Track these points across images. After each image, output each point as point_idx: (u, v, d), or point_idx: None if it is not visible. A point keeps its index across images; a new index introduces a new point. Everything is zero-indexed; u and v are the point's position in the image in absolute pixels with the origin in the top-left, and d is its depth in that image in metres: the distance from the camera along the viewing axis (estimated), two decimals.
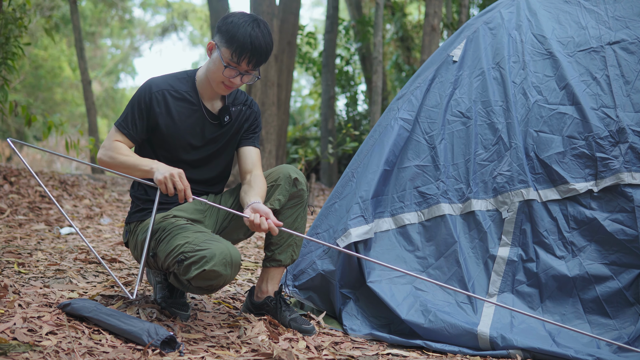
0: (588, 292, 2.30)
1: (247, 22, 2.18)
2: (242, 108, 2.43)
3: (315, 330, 2.36)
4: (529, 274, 2.38)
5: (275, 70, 8.77)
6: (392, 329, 2.44)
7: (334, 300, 2.54)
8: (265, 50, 2.18)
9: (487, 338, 2.24)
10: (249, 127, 2.44)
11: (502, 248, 2.42)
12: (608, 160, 2.36)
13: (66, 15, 17.35)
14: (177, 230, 2.15)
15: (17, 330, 1.93)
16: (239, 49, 2.16)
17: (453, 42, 2.75)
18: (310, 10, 44.48)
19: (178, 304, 2.35)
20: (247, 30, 2.15)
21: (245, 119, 2.43)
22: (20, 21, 5.43)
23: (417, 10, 15.35)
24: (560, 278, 2.33)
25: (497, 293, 2.39)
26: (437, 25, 7.03)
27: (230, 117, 2.37)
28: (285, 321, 2.39)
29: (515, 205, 2.43)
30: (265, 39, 2.17)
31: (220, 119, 2.35)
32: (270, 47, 2.18)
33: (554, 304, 2.34)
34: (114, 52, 27.75)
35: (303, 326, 2.35)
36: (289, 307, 2.44)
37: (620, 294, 2.25)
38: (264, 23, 2.21)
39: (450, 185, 2.55)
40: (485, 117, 2.57)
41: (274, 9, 8.80)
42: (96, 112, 13.02)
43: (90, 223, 4.74)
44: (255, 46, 2.16)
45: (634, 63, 2.45)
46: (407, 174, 2.61)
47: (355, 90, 12.12)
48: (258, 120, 2.47)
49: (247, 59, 2.18)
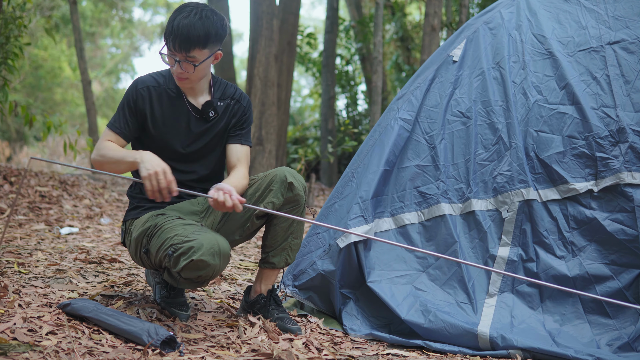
0: (588, 291, 2.29)
1: (180, 12, 2.19)
2: (229, 102, 2.41)
3: (301, 330, 2.35)
4: (529, 274, 2.38)
5: (275, 70, 8.77)
6: (392, 329, 2.44)
7: (334, 300, 2.54)
8: (186, 32, 2.15)
9: (487, 338, 2.24)
10: (236, 122, 2.42)
11: (502, 248, 2.42)
12: (608, 160, 2.36)
13: (66, 15, 17.34)
14: (167, 224, 2.16)
15: (17, 330, 1.93)
16: (166, 36, 2.19)
17: (453, 42, 2.75)
18: (310, 10, 44.47)
19: (177, 303, 2.35)
20: (176, 18, 2.17)
21: (233, 114, 2.41)
22: (20, 20, 5.43)
23: (417, 10, 15.35)
24: (560, 278, 2.33)
25: (498, 293, 2.39)
26: (437, 25, 7.03)
27: (215, 111, 2.36)
28: (272, 319, 2.39)
29: (516, 205, 2.43)
30: (191, 20, 2.15)
31: (205, 114, 2.36)
32: (197, 29, 2.15)
33: (554, 304, 2.33)
34: (114, 52, 27.74)
35: (288, 325, 2.34)
36: (279, 306, 2.44)
37: (620, 293, 2.25)
38: (199, 8, 2.19)
39: (450, 185, 2.55)
40: (485, 117, 2.57)
41: (274, 9, 8.80)
42: (96, 112, 13.02)
43: (90, 223, 4.74)
44: (178, 28, 2.15)
45: (634, 63, 2.45)
46: (407, 174, 2.61)
47: (355, 91, 12.12)
48: (247, 115, 2.44)
49: (171, 42, 2.18)
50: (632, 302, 2.24)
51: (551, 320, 2.31)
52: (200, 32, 2.16)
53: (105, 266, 3.14)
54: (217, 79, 2.44)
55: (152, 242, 2.18)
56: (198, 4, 2.22)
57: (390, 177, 2.62)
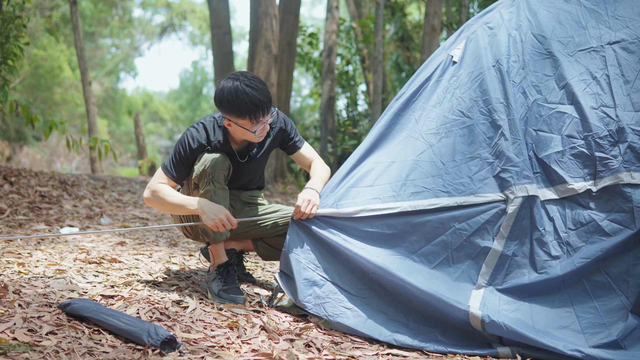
0: (577, 285, 2.30)
1: (236, 86, 2.51)
2: (270, 132, 2.80)
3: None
4: (521, 270, 2.38)
5: (275, 71, 8.77)
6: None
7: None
8: (266, 97, 2.53)
9: (479, 318, 2.25)
10: (283, 139, 2.87)
11: (498, 241, 2.41)
12: (607, 160, 2.36)
13: (66, 15, 17.33)
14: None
15: (17, 330, 1.93)
16: (252, 114, 2.52)
17: (453, 42, 2.75)
18: (311, 9, 44.42)
19: (234, 289, 2.68)
20: (244, 94, 2.49)
21: (273, 141, 2.84)
22: (19, 20, 5.43)
23: (417, 10, 15.35)
24: (552, 275, 2.33)
25: (485, 285, 2.39)
26: (437, 25, 7.03)
27: (256, 148, 2.79)
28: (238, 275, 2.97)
29: (519, 200, 2.41)
30: (255, 88, 2.51)
31: (249, 152, 2.79)
32: (264, 91, 2.52)
33: (543, 298, 2.33)
34: (114, 52, 27.74)
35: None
36: (243, 269, 3.12)
37: (608, 286, 2.25)
38: (242, 74, 2.55)
39: (449, 180, 2.53)
40: (487, 115, 2.56)
41: (274, 9, 8.79)
42: (96, 113, 13.02)
43: (90, 223, 4.74)
44: (257, 99, 2.51)
45: (634, 62, 2.45)
46: (406, 167, 2.60)
47: (355, 91, 12.12)
48: (287, 129, 2.85)
49: (260, 113, 2.54)
50: (619, 294, 2.23)
51: (540, 314, 2.31)
52: (267, 92, 2.55)
53: (105, 266, 3.14)
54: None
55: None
56: (236, 75, 2.56)
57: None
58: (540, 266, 2.35)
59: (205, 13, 23.54)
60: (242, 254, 3.11)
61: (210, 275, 2.76)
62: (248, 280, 3.10)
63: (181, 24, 25.18)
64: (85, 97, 12.72)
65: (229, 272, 2.74)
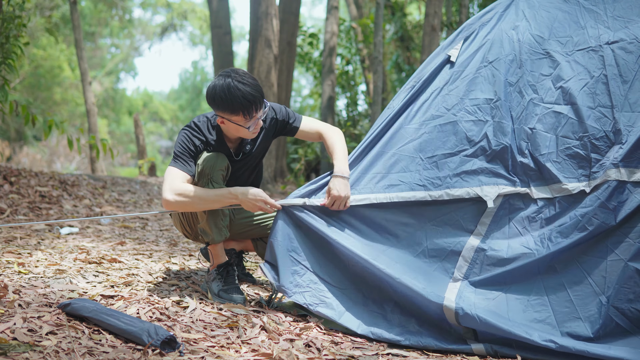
0: (553, 279, 2.31)
1: (228, 83, 2.50)
2: (263, 126, 2.79)
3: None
4: (498, 262, 2.39)
5: (275, 71, 8.77)
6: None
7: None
8: (259, 92, 2.53)
9: (453, 310, 2.26)
10: (278, 128, 2.84)
11: (475, 237, 2.43)
12: (602, 160, 2.36)
13: (66, 15, 17.32)
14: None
15: (17, 330, 1.93)
16: (245, 110, 2.52)
17: (451, 42, 2.76)
18: (311, 8, 44.39)
19: (233, 289, 2.69)
20: (237, 90, 2.49)
21: (267, 134, 2.81)
22: (19, 20, 5.43)
23: (417, 10, 15.35)
24: (528, 269, 2.34)
25: (462, 279, 2.40)
26: (437, 25, 7.03)
27: (249, 144, 2.79)
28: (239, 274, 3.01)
29: (499, 200, 2.45)
30: (247, 84, 2.51)
31: (242, 150, 2.78)
32: (256, 87, 2.52)
33: (519, 289, 2.34)
34: (114, 52, 27.74)
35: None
36: (243, 269, 3.14)
37: (584, 280, 2.26)
38: (233, 71, 2.54)
39: (426, 175, 2.55)
40: (472, 114, 2.57)
41: (274, 9, 8.80)
42: (96, 113, 13.02)
43: (90, 223, 4.75)
44: (250, 95, 2.51)
45: (632, 63, 2.45)
46: (390, 160, 2.61)
47: (355, 91, 12.13)
48: (279, 117, 2.81)
49: (253, 109, 2.54)
50: (595, 288, 2.24)
51: (517, 306, 2.31)
52: (259, 88, 2.55)
53: (105, 266, 3.15)
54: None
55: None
56: (227, 72, 2.55)
57: (379, 160, 2.65)
58: (517, 258, 2.36)
59: (205, 13, 23.55)
60: (242, 254, 3.12)
61: (210, 275, 2.76)
62: (248, 280, 3.11)
63: (181, 24, 25.18)
64: (85, 97, 12.72)
65: (228, 272, 2.74)
